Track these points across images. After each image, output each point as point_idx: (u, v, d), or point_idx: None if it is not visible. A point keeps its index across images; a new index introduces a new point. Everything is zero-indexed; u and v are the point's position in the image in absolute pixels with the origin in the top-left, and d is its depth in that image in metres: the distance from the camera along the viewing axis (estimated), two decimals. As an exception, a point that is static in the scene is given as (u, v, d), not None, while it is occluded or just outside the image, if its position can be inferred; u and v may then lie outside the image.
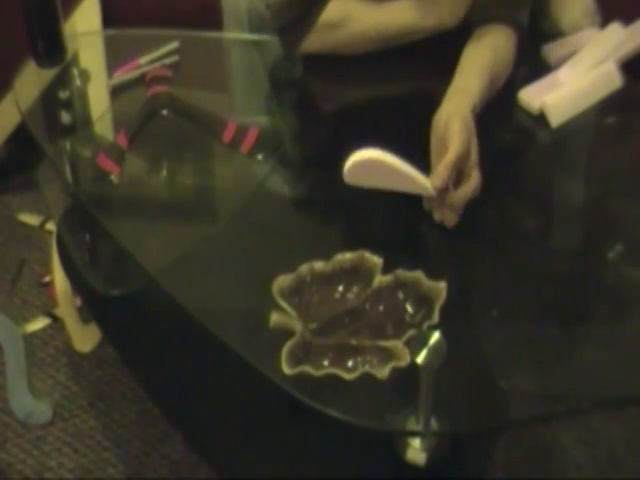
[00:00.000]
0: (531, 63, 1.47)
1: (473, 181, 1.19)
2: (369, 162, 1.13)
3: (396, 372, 1.04)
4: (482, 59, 1.35)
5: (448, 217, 1.20)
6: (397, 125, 1.40)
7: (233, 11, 1.67)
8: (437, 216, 1.21)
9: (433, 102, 1.26)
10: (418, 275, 1.12)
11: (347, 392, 1.04)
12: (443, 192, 1.18)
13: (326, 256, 1.14)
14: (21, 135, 1.75)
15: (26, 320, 1.84)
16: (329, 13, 1.43)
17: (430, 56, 1.42)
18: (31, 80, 1.53)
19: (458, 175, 1.20)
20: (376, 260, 1.13)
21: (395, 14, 1.42)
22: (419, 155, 1.20)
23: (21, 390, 1.69)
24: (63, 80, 1.54)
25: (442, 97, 1.28)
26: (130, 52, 1.54)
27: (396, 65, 1.46)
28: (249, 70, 1.62)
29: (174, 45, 1.56)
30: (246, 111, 1.55)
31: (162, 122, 1.44)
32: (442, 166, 1.17)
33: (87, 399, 1.73)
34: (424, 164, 1.19)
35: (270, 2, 1.47)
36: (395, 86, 1.50)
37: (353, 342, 1.07)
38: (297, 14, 1.44)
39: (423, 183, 1.17)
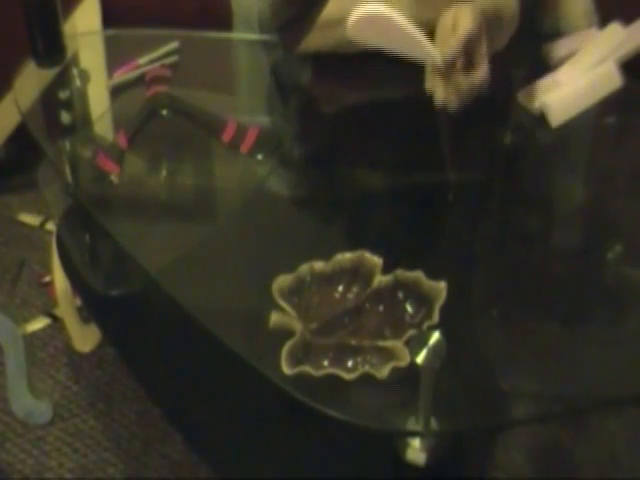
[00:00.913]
0: (531, 63, 1.47)
1: (482, 70, 1.16)
2: (376, 18, 1.05)
3: (396, 372, 1.03)
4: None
5: (451, 99, 1.17)
6: (398, 125, 1.40)
7: (244, 13, 1.67)
8: (440, 95, 1.17)
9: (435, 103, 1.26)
10: (418, 275, 1.12)
11: (347, 392, 1.04)
12: (450, 69, 1.13)
13: (326, 256, 1.14)
14: (21, 135, 1.75)
15: (26, 320, 1.84)
16: (329, 11, 1.42)
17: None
18: (31, 80, 1.53)
19: (466, 61, 1.16)
20: (376, 260, 1.13)
21: (394, 7, 1.41)
22: (421, 154, 1.20)
23: (21, 390, 1.69)
24: (63, 80, 1.53)
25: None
26: (130, 52, 1.54)
27: (398, 66, 1.45)
28: (253, 70, 1.62)
29: (174, 45, 1.56)
30: (249, 111, 1.55)
31: (162, 122, 1.44)
32: (454, 38, 1.14)
33: (87, 399, 1.73)
34: (425, 163, 1.19)
35: (270, 0, 1.47)
36: (396, 87, 1.49)
37: (353, 342, 1.07)
38: (296, 12, 1.43)
39: (431, 49, 1.10)
